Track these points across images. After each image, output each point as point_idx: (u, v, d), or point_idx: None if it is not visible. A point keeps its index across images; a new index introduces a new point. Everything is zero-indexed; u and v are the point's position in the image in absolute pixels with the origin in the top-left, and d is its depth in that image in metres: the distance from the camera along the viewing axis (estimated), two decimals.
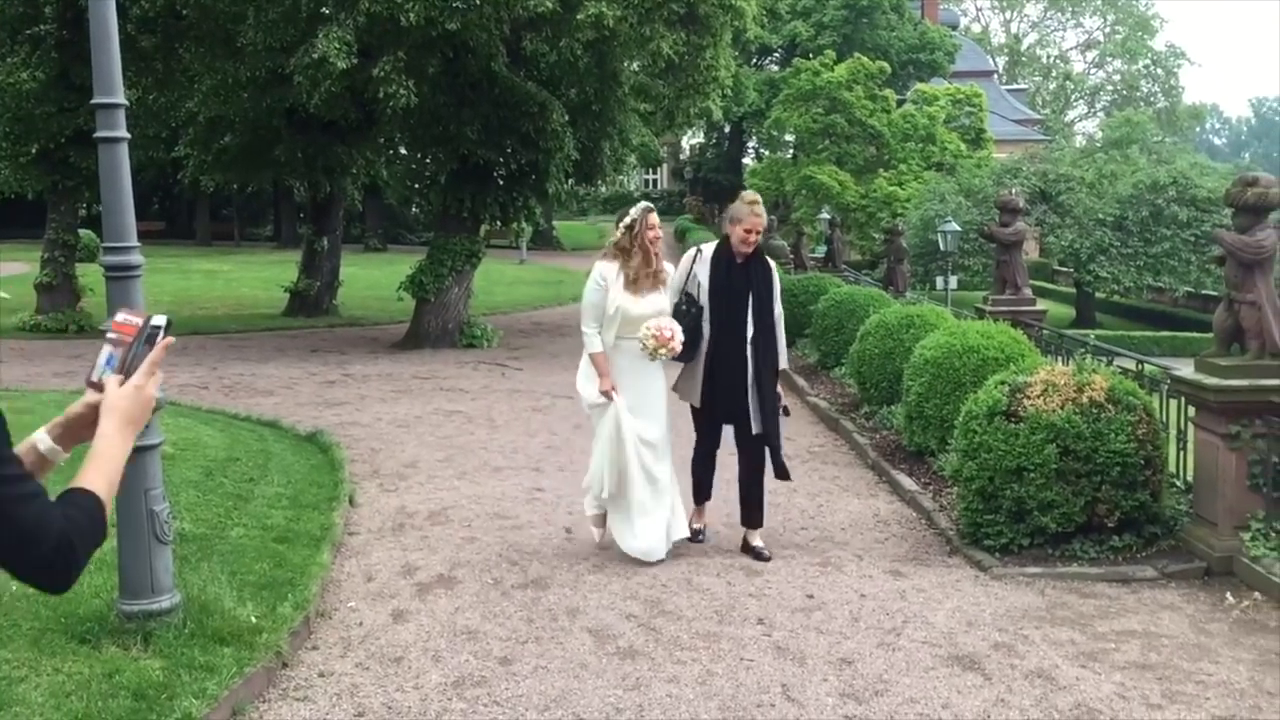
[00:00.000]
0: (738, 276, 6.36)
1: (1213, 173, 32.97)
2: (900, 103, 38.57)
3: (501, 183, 17.07)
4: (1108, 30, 75.83)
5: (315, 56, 13.59)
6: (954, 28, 57.39)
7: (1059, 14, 77.89)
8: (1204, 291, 30.22)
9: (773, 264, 6.58)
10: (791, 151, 41.68)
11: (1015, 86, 67.73)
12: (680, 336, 6.09)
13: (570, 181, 19.40)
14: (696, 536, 6.65)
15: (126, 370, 1.97)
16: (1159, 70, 72.05)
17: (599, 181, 22.42)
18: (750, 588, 5.93)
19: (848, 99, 36.02)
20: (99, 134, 4.81)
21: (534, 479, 8.43)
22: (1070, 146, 48.09)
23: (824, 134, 36.59)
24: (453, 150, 16.32)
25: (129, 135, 4.89)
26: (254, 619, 4.91)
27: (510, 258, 34.55)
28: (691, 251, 6.58)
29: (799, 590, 5.90)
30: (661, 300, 6.23)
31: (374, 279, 26.49)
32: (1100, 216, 29.76)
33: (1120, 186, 30.98)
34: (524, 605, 5.62)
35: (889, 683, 4.71)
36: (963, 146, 37.46)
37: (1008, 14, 79.19)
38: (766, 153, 47.99)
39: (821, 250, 31.26)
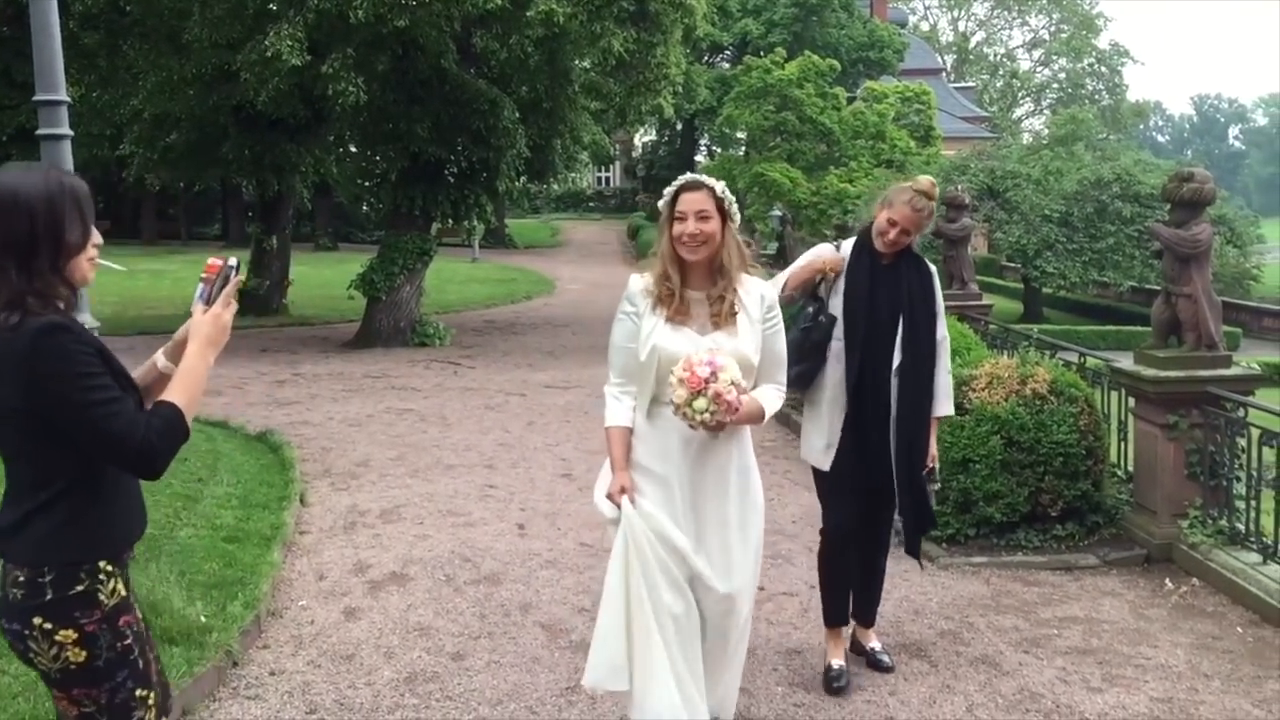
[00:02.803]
0: (883, 282, 4.48)
1: (1156, 169, 33.35)
2: (850, 100, 38.84)
3: (453, 181, 17.03)
4: (1053, 29, 76.92)
5: (267, 54, 13.48)
6: (903, 26, 57.96)
7: (1006, 13, 78.87)
8: (1148, 286, 30.63)
9: (933, 268, 4.61)
10: (743, 149, 41.86)
11: (963, 84, 68.45)
12: (730, 376, 3.33)
13: (522, 179, 19.39)
14: (834, 682, 4.62)
15: (209, 301, 2.57)
16: (1103, 68, 73.20)
17: (551, 179, 22.43)
18: None
19: (798, 96, 36.20)
20: (41, 131, 4.80)
21: (486, 476, 8.44)
22: (1017, 144, 48.59)
23: (775, 131, 36.75)
24: (403, 148, 16.27)
25: (72, 132, 4.87)
26: (204, 618, 4.89)
27: (462, 256, 34.44)
28: (825, 246, 4.72)
29: None
30: (736, 341, 3.53)
31: (325, 278, 26.29)
32: (1046, 213, 30.11)
33: (1066, 183, 31.33)
34: (476, 601, 5.64)
35: None
36: (912, 144, 37.76)
37: (955, 12, 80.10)
38: (719, 150, 48.17)
39: (773, 247, 31.50)
